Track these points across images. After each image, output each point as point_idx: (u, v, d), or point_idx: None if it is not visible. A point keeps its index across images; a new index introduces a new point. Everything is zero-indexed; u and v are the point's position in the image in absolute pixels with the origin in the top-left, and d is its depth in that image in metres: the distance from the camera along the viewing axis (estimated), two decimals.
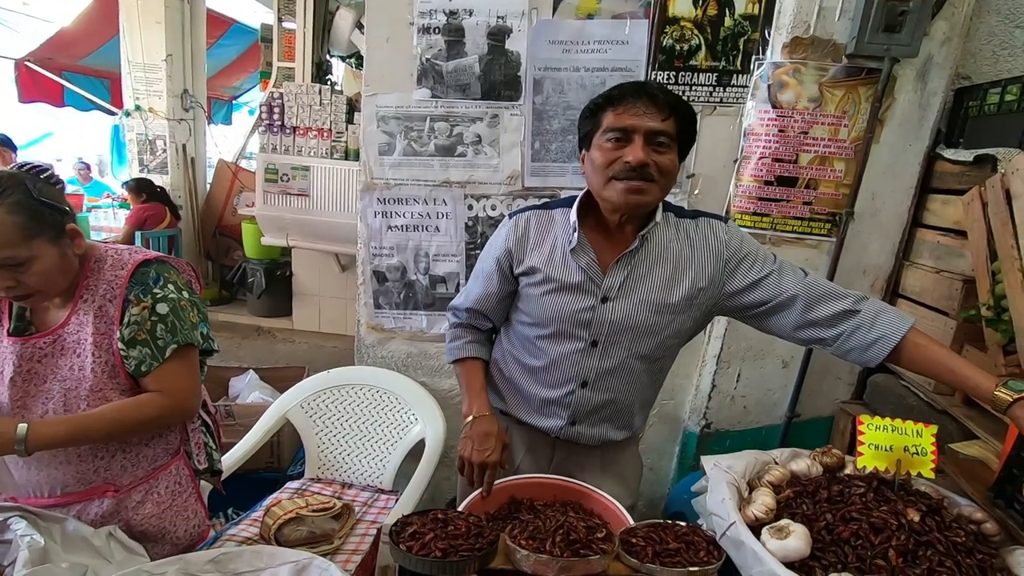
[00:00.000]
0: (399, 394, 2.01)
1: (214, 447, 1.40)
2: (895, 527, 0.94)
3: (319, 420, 1.99)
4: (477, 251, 2.02)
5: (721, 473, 1.13)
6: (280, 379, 2.69)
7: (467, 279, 2.03)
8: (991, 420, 1.40)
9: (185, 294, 1.22)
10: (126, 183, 5.07)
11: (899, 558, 0.89)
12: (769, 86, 1.78)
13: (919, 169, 1.85)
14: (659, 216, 1.18)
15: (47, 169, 1.14)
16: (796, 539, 0.93)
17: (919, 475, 1.05)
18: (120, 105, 5.57)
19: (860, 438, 1.08)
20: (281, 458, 2.32)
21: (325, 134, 3.92)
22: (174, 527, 1.26)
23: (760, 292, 1.18)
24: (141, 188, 4.96)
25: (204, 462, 1.34)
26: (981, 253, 1.46)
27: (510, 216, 1.29)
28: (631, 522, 1.14)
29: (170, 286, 1.19)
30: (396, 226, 2.03)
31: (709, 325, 1.83)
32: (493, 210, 2.00)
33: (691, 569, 0.97)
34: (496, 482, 1.22)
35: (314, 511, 1.53)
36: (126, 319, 1.14)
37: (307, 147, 3.95)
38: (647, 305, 1.19)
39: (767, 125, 1.80)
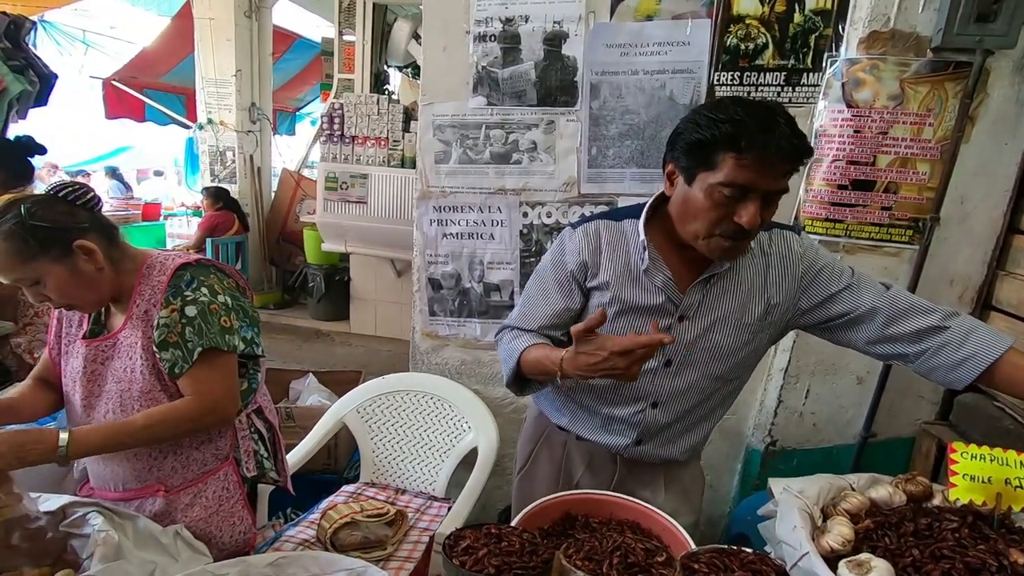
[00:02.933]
0: (453, 401, 2.01)
1: (265, 455, 1.40)
2: (995, 569, 0.84)
3: (374, 425, 2.02)
4: (531, 259, 2.00)
5: (792, 498, 1.06)
6: (338, 382, 2.76)
7: (521, 287, 2.02)
8: None
9: (222, 298, 1.22)
10: (206, 189, 5.40)
11: None
12: (843, 84, 1.67)
13: (1016, 170, 1.69)
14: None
15: (66, 188, 1.15)
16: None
17: (1022, 511, 0.95)
18: (194, 119, 5.93)
19: (953, 467, 0.98)
20: (338, 460, 2.37)
21: (382, 142, 4.02)
22: (220, 532, 1.28)
23: (836, 306, 1.12)
24: (219, 196, 5.28)
25: (253, 470, 1.35)
26: None
27: (573, 227, 1.20)
28: (693, 545, 1.08)
29: (203, 289, 1.19)
30: (451, 234, 2.04)
31: None
32: (548, 217, 1.97)
33: None
34: (551, 497, 1.18)
35: (369, 516, 1.55)
36: (156, 321, 1.16)
37: (365, 155, 4.05)
38: (726, 323, 1.14)
39: (841, 126, 1.69)
